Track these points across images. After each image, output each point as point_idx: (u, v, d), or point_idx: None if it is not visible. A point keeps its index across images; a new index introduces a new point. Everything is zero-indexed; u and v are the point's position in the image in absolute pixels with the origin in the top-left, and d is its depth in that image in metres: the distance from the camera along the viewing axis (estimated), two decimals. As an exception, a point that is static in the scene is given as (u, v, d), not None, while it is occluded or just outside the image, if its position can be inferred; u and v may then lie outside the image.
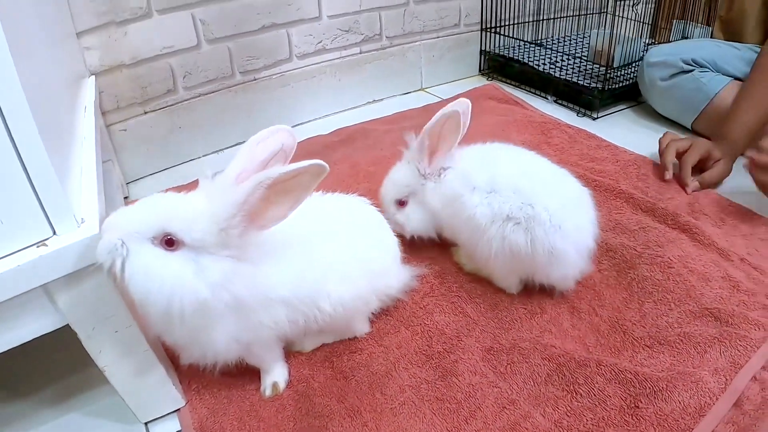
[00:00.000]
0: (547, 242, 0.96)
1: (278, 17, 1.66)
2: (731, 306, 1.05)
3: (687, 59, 1.72)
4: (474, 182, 1.01)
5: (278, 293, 0.80)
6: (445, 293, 1.07)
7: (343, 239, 0.90)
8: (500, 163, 1.03)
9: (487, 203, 0.99)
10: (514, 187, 0.98)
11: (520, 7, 2.21)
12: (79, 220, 0.71)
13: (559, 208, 0.97)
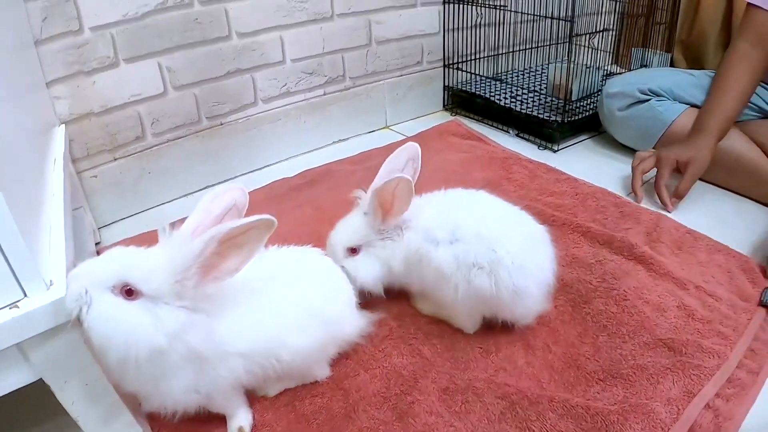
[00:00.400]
0: (511, 283, 0.99)
1: (243, 63, 1.68)
2: (685, 335, 1.08)
3: (644, 89, 1.77)
4: (436, 237, 1.02)
5: (235, 347, 0.83)
6: (402, 335, 1.09)
7: (298, 291, 0.92)
8: (459, 212, 1.05)
9: (452, 254, 1.00)
10: (476, 233, 1.00)
11: (481, 42, 2.25)
12: (48, 283, 0.75)
13: (520, 248, 1.00)
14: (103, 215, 1.55)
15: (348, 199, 1.46)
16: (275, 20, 1.71)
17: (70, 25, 1.36)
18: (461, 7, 2.14)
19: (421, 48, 2.15)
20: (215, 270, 0.77)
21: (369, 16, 1.93)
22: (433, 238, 1.03)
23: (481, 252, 0.99)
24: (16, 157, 0.87)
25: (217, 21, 1.60)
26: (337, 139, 2.01)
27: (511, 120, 2.08)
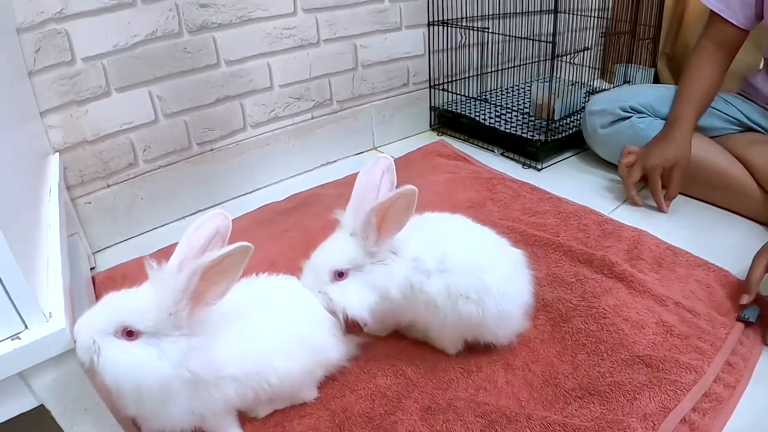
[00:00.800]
0: (496, 309, 1.02)
1: (231, 90, 1.71)
2: (663, 351, 1.10)
3: (625, 106, 1.82)
4: (427, 267, 1.03)
5: (228, 371, 0.87)
6: (387, 357, 1.11)
7: (286, 318, 0.96)
8: (445, 240, 1.06)
9: (443, 284, 1.02)
10: (464, 263, 1.03)
11: (465, 62, 2.30)
12: (48, 315, 0.80)
13: (504, 275, 1.04)
14: (98, 240, 1.57)
15: (335, 222, 1.50)
16: (262, 47, 1.74)
17: (62, 56, 1.39)
18: (446, 29, 2.18)
19: (407, 70, 2.18)
20: (204, 297, 0.82)
21: (355, 40, 1.97)
22: (424, 269, 1.03)
23: (470, 282, 1.01)
24: (13, 189, 0.91)
25: (206, 49, 1.63)
26: (325, 161, 2.04)
27: (496, 139, 2.11)
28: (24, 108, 1.25)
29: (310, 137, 1.96)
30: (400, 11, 2.07)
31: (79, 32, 1.40)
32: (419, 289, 1.02)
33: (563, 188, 1.78)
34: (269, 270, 1.24)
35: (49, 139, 1.42)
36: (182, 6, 1.55)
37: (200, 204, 1.75)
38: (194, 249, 0.88)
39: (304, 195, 1.77)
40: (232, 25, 1.66)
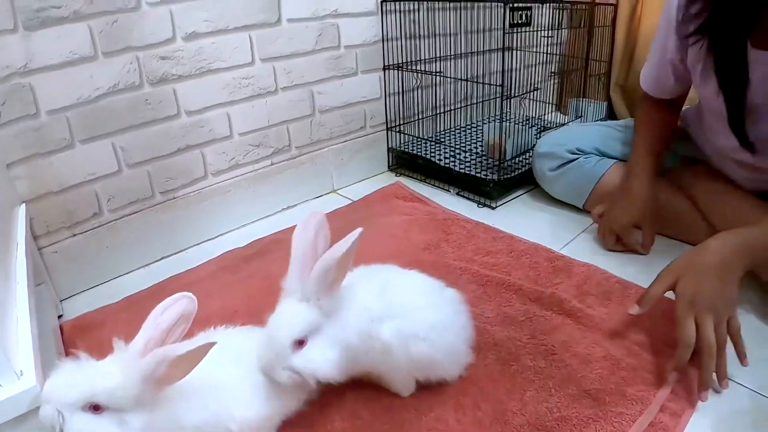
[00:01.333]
0: (443, 343, 1.08)
1: (192, 139, 1.75)
2: (610, 385, 1.14)
3: (572, 149, 1.88)
4: (377, 314, 1.05)
5: (189, 422, 0.92)
6: (343, 401, 1.14)
7: (242, 368, 1.01)
8: (387, 286, 1.10)
9: (395, 328, 1.05)
10: (410, 306, 1.08)
11: (421, 103, 2.37)
12: (19, 373, 0.84)
13: (446, 312, 1.11)
14: (65, 288, 1.59)
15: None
16: (222, 97, 1.78)
17: (27, 109, 1.41)
18: (400, 73, 2.24)
19: (364, 113, 2.24)
20: (167, 380, 0.87)
21: (312, 87, 2.02)
22: (375, 316, 1.05)
23: (417, 322, 1.06)
24: None
25: (167, 101, 1.67)
26: (285, 206, 2.07)
27: (452, 179, 2.16)
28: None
29: (270, 183, 1.99)
30: (356, 57, 2.13)
31: (44, 86, 1.43)
32: (375, 337, 1.05)
33: (517, 226, 1.83)
34: (231, 317, 1.29)
35: (15, 190, 1.44)
36: (143, 59, 1.58)
37: (164, 251, 1.78)
38: (159, 330, 0.91)
39: (266, 241, 1.80)
40: (191, 76, 1.70)
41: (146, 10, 1.56)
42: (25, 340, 0.93)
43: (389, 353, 1.06)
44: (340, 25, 2.04)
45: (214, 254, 1.74)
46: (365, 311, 1.06)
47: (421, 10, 2.25)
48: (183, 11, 1.64)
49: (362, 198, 2.10)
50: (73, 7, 1.43)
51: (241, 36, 1.79)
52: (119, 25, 1.52)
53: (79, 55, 1.47)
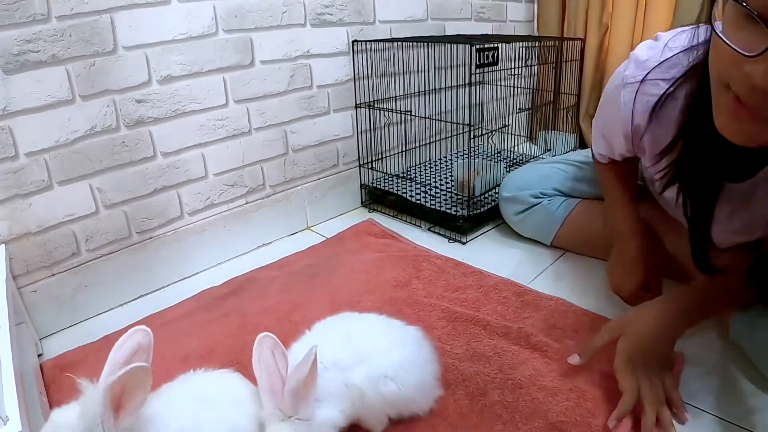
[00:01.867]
0: (411, 380, 1.13)
1: (168, 180, 1.78)
2: (576, 417, 1.18)
3: (535, 193, 1.93)
4: (346, 363, 1.11)
5: None
6: None
7: (219, 411, 1.04)
8: (350, 334, 1.17)
9: (364, 372, 1.11)
10: (375, 347, 1.14)
11: (392, 140, 2.43)
12: (5, 418, 0.87)
13: (410, 349, 1.17)
14: (44, 326, 1.61)
15: (270, 304, 1.57)
16: (197, 138, 1.82)
17: (6, 152, 1.44)
18: (371, 111, 2.30)
19: (337, 151, 2.28)
20: (124, 407, 0.90)
21: (285, 126, 2.07)
22: (345, 366, 1.11)
23: (384, 363, 1.11)
24: None
25: (143, 143, 1.70)
26: (261, 243, 2.11)
27: (423, 215, 2.21)
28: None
29: (245, 221, 2.03)
30: (328, 96, 2.18)
31: (22, 128, 1.45)
32: (350, 385, 1.09)
33: (486, 260, 1.88)
34: (209, 356, 1.33)
35: None
36: (119, 102, 1.62)
37: (141, 290, 1.80)
38: (119, 365, 0.97)
39: (241, 279, 1.82)
40: (167, 118, 1.74)
41: (122, 54, 1.60)
42: (9, 385, 0.96)
43: (361, 396, 1.10)
44: (312, 65, 2.10)
45: (191, 293, 1.77)
46: (336, 365, 1.11)
47: (391, 48, 2.31)
48: (158, 54, 1.68)
49: (335, 235, 2.14)
50: (51, 51, 1.46)
51: (216, 78, 1.83)
52: (96, 69, 1.55)
53: (57, 98, 1.50)
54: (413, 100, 2.46)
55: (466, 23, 2.76)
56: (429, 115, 2.48)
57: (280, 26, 1.96)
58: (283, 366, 1.06)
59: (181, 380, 1.09)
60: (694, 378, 1.31)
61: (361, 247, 2.00)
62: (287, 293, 1.69)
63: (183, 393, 1.05)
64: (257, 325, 1.52)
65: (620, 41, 2.73)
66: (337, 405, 1.08)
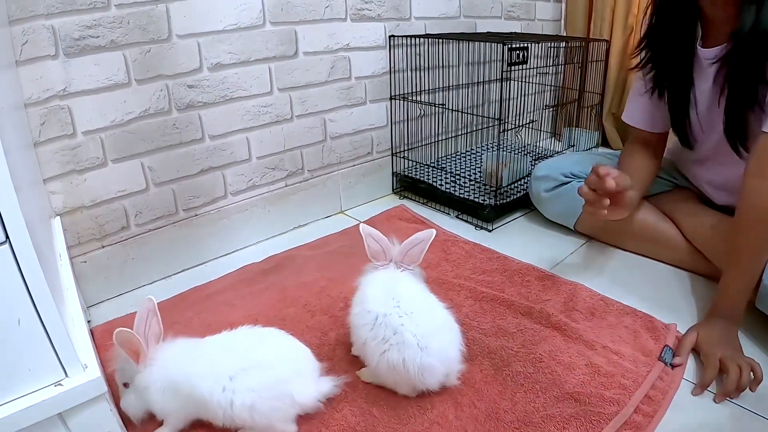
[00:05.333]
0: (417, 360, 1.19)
1: (214, 161, 1.87)
2: (590, 388, 1.26)
3: (566, 173, 2.00)
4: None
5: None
6: (356, 400, 1.25)
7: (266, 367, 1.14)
8: (396, 288, 1.25)
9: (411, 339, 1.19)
10: (419, 310, 1.23)
11: (424, 131, 2.51)
12: (84, 366, 0.97)
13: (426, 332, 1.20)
14: (92, 296, 1.68)
15: (307, 281, 1.66)
16: (242, 123, 1.91)
17: (65, 130, 1.52)
18: (405, 103, 2.38)
19: (372, 140, 2.37)
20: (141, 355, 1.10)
21: (324, 115, 2.15)
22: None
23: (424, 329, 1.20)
24: (44, 254, 1.07)
25: (192, 126, 1.78)
26: (297, 224, 2.19)
27: (452, 203, 2.28)
28: (32, 175, 1.37)
29: (284, 203, 2.12)
30: (365, 87, 2.27)
31: (80, 108, 1.54)
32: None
33: (511, 247, 1.96)
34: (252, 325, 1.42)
35: (50, 204, 1.55)
36: (172, 87, 1.70)
37: (185, 264, 1.89)
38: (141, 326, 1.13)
39: (280, 257, 1.91)
40: (215, 103, 1.82)
41: (176, 42, 1.69)
42: (84, 339, 1.07)
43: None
44: (351, 58, 2.18)
45: (231, 268, 1.86)
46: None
47: (425, 43, 2.39)
48: (209, 44, 1.76)
49: (368, 219, 2.22)
50: (110, 36, 1.55)
51: (262, 67, 1.92)
52: (151, 55, 1.64)
53: (114, 81, 1.59)
54: (445, 93, 2.54)
55: (496, 21, 2.84)
56: (460, 109, 2.57)
57: (323, 20, 2.04)
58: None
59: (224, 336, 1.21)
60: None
61: (393, 231, 1.99)
62: (324, 270, 1.78)
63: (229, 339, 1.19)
64: (296, 298, 1.63)
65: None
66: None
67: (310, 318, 1.55)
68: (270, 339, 1.21)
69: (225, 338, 1.19)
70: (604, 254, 1.96)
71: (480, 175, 2.41)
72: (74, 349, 0.95)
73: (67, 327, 0.96)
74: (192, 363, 1.11)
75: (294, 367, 1.17)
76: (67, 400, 0.94)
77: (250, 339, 1.19)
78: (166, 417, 1.14)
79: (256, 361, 1.12)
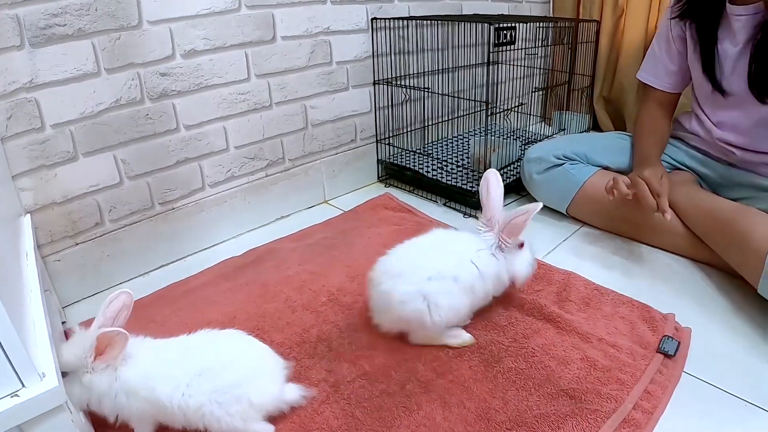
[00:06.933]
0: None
1: (190, 152, 1.81)
2: (586, 384, 1.21)
3: (558, 155, 1.97)
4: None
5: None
6: (337, 401, 1.20)
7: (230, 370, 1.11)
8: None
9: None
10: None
11: (410, 116, 2.44)
12: (41, 374, 0.91)
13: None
14: (67, 295, 1.64)
15: (289, 275, 1.61)
16: (219, 112, 1.85)
17: (32, 123, 1.46)
18: (389, 88, 2.32)
19: (355, 127, 2.31)
20: (103, 355, 1.04)
21: (304, 101, 2.09)
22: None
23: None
24: (2, 254, 1.03)
25: (166, 115, 1.72)
26: (279, 216, 2.14)
27: (439, 190, 2.23)
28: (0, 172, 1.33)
29: (265, 194, 2.06)
30: (347, 72, 2.21)
31: (48, 101, 1.48)
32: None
33: (501, 235, 1.90)
34: (231, 323, 1.38)
35: (20, 201, 1.49)
36: (143, 75, 1.64)
37: (163, 260, 1.83)
38: (108, 319, 1.10)
39: (261, 250, 1.86)
40: (190, 92, 1.76)
41: (147, 28, 1.62)
42: (44, 344, 1.00)
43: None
44: (332, 42, 2.12)
45: (211, 262, 1.81)
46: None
47: (409, 26, 2.33)
48: (182, 29, 1.70)
49: (353, 209, 2.17)
50: (77, 24, 1.48)
51: (238, 53, 1.86)
52: (121, 43, 1.58)
53: (83, 71, 1.53)
54: (431, 77, 2.48)
55: (482, 2, 2.78)
56: (446, 93, 2.50)
57: (302, 2, 1.98)
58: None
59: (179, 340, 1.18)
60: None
61: (378, 220, 2.03)
62: (306, 263, 1.73)
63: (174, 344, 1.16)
64: (277, 293, 1.57)
65: (635, 24, 2.74)
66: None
67: (290, 314, 1.49)
68: (225, 341, 1.18)
69: (182, 342, 1.16)
70: (598, 240, 1.91)
71: (468, 161, 2.36)
72: (30, 358, 0.88)
73: (23, 334, 0.90)
74: (151, 367, 1.09)
75: (249, 369, 1.12)
76: (24, 412, 0.88)
77: (206, 342, 1.17)
78: (131, 422, 1.10)
79: (210, 364, 1.09)
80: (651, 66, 1.98)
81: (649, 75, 1.98)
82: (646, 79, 1.99)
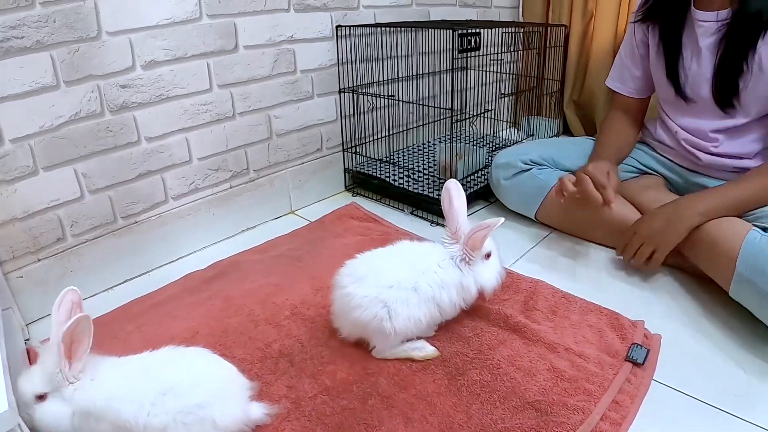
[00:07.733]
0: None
1: (152, 165, 1.79)
2: (552, 396, 1.20)
3: (525, 159, 1.97)
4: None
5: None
6: (298, 418, 1.18)
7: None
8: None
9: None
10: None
11: (375, 124, 2.44)
12: None
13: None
14: (31, 312, 1.61)
15: (253, 288, 1.59)
16: (180, 123, 1.82)
17: None
18: (355, 96, 2.30)
19: (321, 135, 2.29)
20: (75, 354, 1.03)
21: (269, 111, 2.07)
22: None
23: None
24: None
25: (127, 128, 1.70)
26: (245, 227, 2.11)
27: (406, 198, 2.22)
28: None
29: (230, 205, 2.04)
30: (312, 81, 2.19)
31: (7, 115, 1.45)
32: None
33: (468, 243, 1.89)
34: (193, 338, 1.35)
35: None
36: (103, 87, 1.61)
37: (127, 274, 1.80)
38: (62, 322, 1.05)
39: (225, 263, 1.83)
40: (151, 103, 1.74)
41: (106, 39, 1.60)
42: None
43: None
44: (295, 50, 2.10)
45: (175, 276, 1.78)
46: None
47: (375, 33, 2.31)
48: (142, 40, 1.67)
49: (319, 219, 2.15)
50: (35, 37, 1.46)
51: (199, 63, 1.83)
52: (80, 55, 1.55)
53: (42, 84, 1.50)
54: (397, 85, 2.47)
55: (450, 8, 2.76)
56: (412, 100, 2.49)
57: (264, 11, 1.96)
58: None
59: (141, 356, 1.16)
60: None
61: (344, 230, 2.01)
62: (270, 276, 1.71)
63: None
64: (240, 307, 1.55)
65: (605, 28, 2.75)
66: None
67: (253, 328, 1.47)
68: (191, 360, 1.16)
69: (146, 359, 1.14)
70: (566, 247, 1.91)
71: (434, 168, 2.34)
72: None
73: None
74: (114, 386, 1.06)
75: (215, 390, 1.10)
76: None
77: (169, 361, 1.14)
78: None
79: (176, 383, 1.07)
80: (618, 72, 2.01)
81: (616, 81, 2.01)
82: (613, 85, 2.02)
